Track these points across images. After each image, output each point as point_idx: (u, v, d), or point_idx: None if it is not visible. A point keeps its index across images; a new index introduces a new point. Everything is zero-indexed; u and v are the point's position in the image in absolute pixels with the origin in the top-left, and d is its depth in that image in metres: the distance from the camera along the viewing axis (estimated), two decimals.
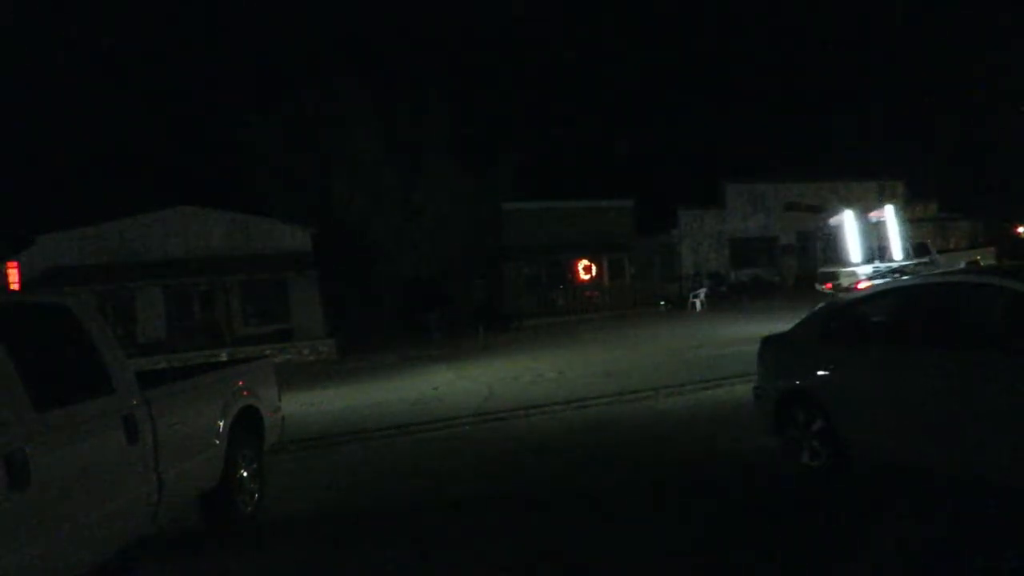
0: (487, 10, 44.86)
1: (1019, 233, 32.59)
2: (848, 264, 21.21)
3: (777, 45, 47.51)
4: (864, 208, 23.40)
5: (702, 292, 27.26)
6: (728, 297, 29.42)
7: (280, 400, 7.15)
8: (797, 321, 6.62)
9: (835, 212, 22.75)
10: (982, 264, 22.85)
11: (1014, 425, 4.40)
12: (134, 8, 43.89)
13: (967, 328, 5.18)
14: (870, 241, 21.84)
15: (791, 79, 43.57)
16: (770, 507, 5.46)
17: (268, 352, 18.63)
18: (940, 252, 25.92)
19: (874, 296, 6.11)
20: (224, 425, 5.70)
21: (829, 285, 19.42)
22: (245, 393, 6.19)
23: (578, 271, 31.02)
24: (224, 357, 18.21)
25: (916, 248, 24.49)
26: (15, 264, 20.86)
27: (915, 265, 19.87)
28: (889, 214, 21.95)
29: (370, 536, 5.72)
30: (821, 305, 6.62)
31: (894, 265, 20.05)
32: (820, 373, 5.83)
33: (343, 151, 29.39)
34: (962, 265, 22.44)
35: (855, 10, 48.48)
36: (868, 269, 20.37)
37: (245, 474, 6.05)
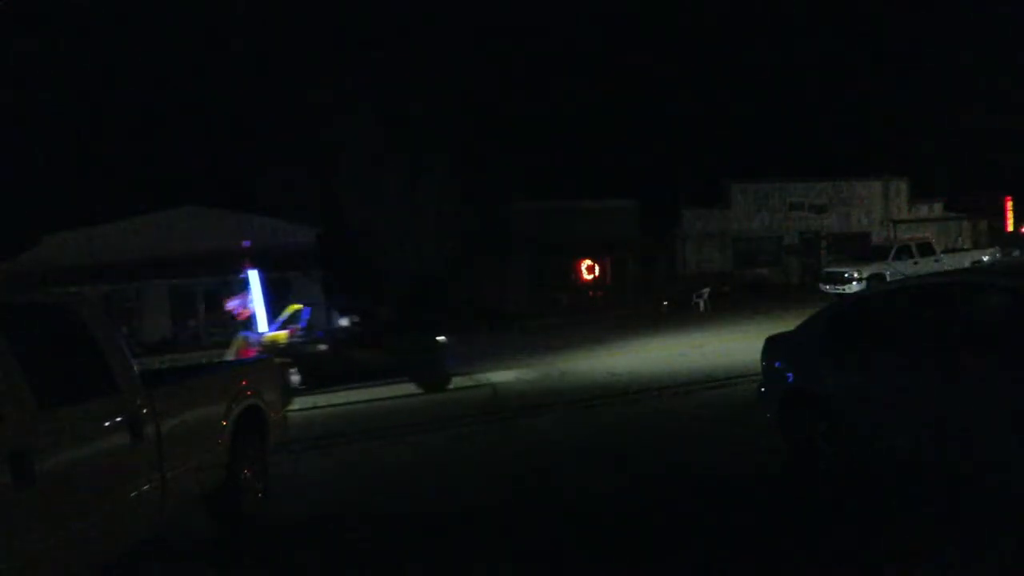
0: (489, 9, 44.88)
1: None
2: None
3: (783, 43, 47.42)
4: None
5: (706, 292, 27.18)
6: (731, 297, 29.34)
7: (283, 400, 7.15)
8: (801, 321, 6.61)
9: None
10: (987, 264, 22.78)
11: (1015, 424, 4.39)
12: (137, 5, 43.99)
13: (970, 328, 5.17)
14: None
15: (796, 77, 43.48)
16: (772, 507, 5.45)
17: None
18: (945, 252, 25.83)
19: (878, 296, 6.10)
20: (228, 425, 5.70)
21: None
22: (249, 393, 6.19)
23: (581, 271, 30.99)
24: (228, 356, 18.22)
25: (920, 248, 24.46)
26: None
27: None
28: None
29: (372, 540, 5.71)
30: (825, 305, 6.60)
31: None
32: (824, 373, 5.82)
33: (346, 150, 29.42)
34: (967, 265, 22.40)
35: (860, 7, 48.37)
36: None
37: (249, 474, 6.05)
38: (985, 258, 24.27)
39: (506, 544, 5.24)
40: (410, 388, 13.48)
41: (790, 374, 6.26)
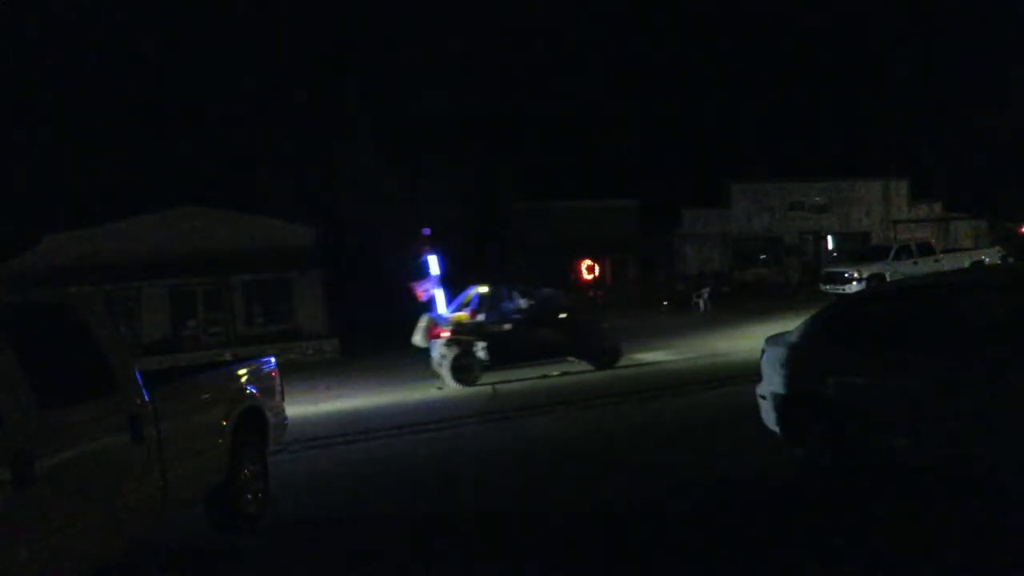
0: (490, 10, 44.86)
1: None
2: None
3: (784, 43, 47.44)
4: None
5: (705, 292, 27.18)
6: (731, 297, 29.33)
7: (283, 400, 7.15)
8: (801, 321, 6.60)
9: None
10: (987, 264, 22.76)
11: (1016, 424, 4.39)
12: (138, 8, 44.01)
13: (970, 328, 5.17)
14: None
15: (796, 77, 43.50)
16: (772, 507, 5.45)
17: (272, 352, 18.67)
18: (945, 252, 25.81)
19: (878, 297, 6.10)
20: (228, 425, 5.70)
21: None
22: (249, 393, 6.19)
23: (581, 271, 31.00)
24: (228, 357, 18.23)
25: (920, 248, 24.45)
26: None
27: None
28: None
29: (371, 540, 5.72)
30: (825, 305, 6.60)
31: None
32: (824, 374, 5.82)
33: (346, 150, 29.47)
34: (967, 265, 22.38)
35: (861, 8, 48.38)
36: None
37: (249, 474, 6.05)
38: (985, 259, 24.25)
39: None
40: (584, 366, 14.58)
41: (789, 374, 6.26)
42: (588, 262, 30.83)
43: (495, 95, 36.78)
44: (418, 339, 14.82)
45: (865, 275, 22.59)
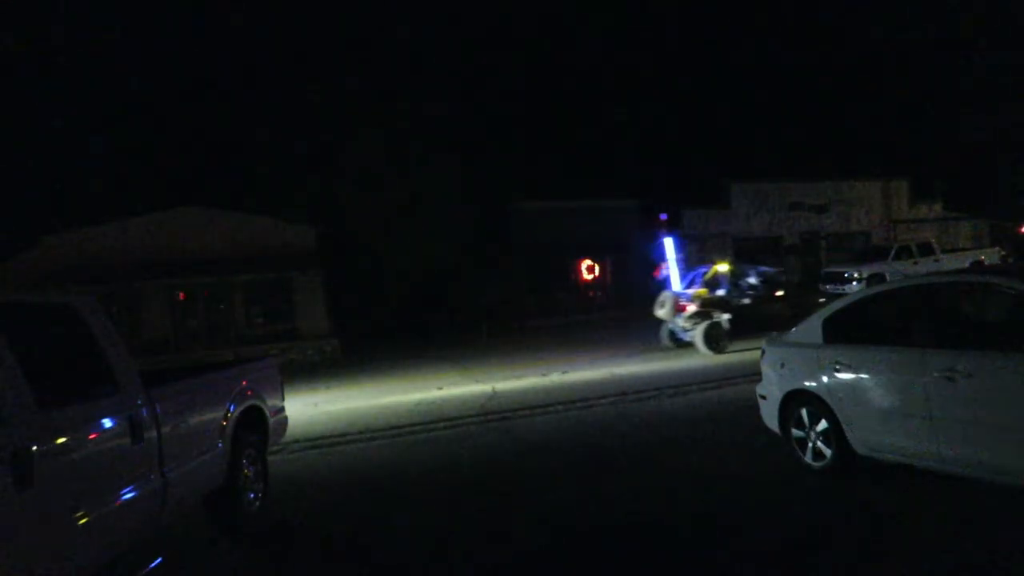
0: (491, 11, 44.87)
1: None
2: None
3: (784, 43, 47.44)
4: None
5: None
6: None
7: (283, 400, 7.16)
8: (801, 321, 6.61)
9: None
10: (987, 264, 22.76)
11: (1016, 424, 4.39)
12: (137, 7, 43.99)
13: (971, 327, 5.18)
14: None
15: (795, 78, 43.50)
16: (772, 507, 5.45)
17: (272, 352, 18.67)
18: (945, 252, 25.80)
19: (878, 296, 6.09)
20: (228, 425, 5.71)
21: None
22: (249, 393, 6.20)
23: (581, 271, 30.99)
24: (228, 357, 18.23)
25: (920, 248, 24.45)
26: None
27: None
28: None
29: (370, 542, 5.72)
30: (824, 305, 6.60)
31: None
32: (824, 373, 5.83)
33: (347, 150, 29.47)
34: (967, 264, 22.38)
35: (860, 8, 48.37)
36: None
37: (249, 474, 6.06)
38: (985, 259, 24.25)
39: None
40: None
41: (790, 374, 6.26)
42: (588, 262, 30.82)
43: (496, 95, 36.80)
44: (662, 313, 16.29)
45: (865, 275, 22.59)
